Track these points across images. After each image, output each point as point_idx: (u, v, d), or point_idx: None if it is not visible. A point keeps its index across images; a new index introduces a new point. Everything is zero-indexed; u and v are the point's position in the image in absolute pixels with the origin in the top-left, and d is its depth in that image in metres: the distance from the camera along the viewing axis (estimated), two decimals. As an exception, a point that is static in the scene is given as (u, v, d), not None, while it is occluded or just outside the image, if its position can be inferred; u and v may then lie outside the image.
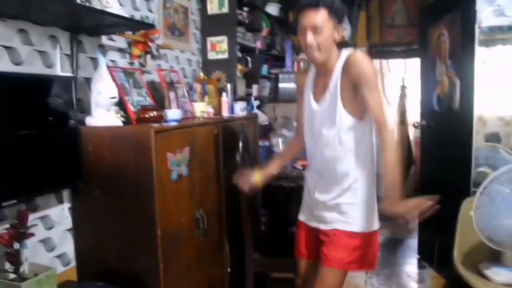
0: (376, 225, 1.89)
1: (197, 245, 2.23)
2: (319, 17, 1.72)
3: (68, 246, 2.01)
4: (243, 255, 2.51)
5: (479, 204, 2.40)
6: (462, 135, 2.99)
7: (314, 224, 1.96)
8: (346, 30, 4.32)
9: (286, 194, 3.28)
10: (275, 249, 2.65)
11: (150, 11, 2.67)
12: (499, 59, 3.35)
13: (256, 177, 2.10)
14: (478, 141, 3.05)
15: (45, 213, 1.89)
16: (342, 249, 1.84)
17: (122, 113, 2.05)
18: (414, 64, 5.49)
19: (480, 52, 2.90)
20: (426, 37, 3.63)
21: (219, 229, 2.48)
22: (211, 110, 2.72)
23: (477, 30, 2.79)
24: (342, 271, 1.88)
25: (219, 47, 3.27)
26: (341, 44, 1.83)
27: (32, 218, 1.78)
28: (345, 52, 1.79)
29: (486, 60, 3.31)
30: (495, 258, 2.52)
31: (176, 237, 2.02)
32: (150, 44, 2.47)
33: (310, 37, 1.74)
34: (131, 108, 2.10)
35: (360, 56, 1.73)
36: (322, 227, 1.91)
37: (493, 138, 3.56)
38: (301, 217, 2.06)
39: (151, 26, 2.20)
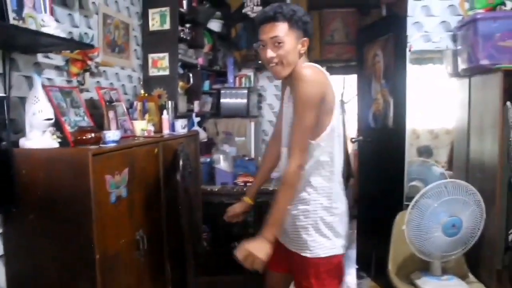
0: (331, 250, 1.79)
1: (137, 266, 2.20)
2: (279, 30, 1.67)
3: (-2, 274, 1.92)
4: (186, 274, 2.50)
5: (411, 217, 2.54)
6: (395, 152, 3.16)
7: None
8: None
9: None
10: (217, 267, 2.67)
11: (90, 27, 2.62)
12: (430, 76, 3.57)
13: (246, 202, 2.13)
14: (411, 155, 3.23)
15: (-26, 240, 1.81)
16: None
17: (58, 134, 2.00)
18: (353, 80, 5.74)
19: (414, 70, 3.10)
20: (363, 56, 3.81)
21: (160, 249, 2.45)
22: (151, 128, 2.70)
23: (408, 53, 2.98)
24: None
25: (161, 63, 3.26)
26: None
27: (-41, 246, 1.70)
28: (304, 65, 1.72)
29: (419, 77, 3.53)
30: (425, 268, 2.68)
31: (115, 260, 1.99)
32: (89, 62, 2.42)
33: (270, 52, 1.68)
34: (68, 129, 2.05)
35: (304, 73, 1.65)
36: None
37: (424, 150, 3.78)
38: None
39: (89, 46, 2.17)
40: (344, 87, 5.84)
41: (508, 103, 2.53)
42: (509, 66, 2.54)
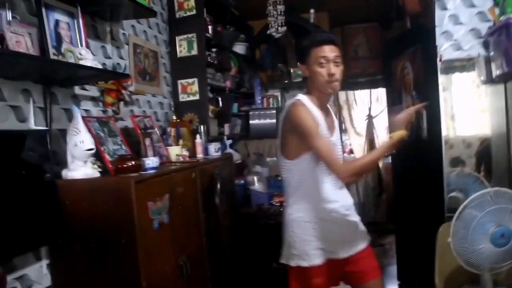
0: None
1: (181, 293, 2.19)
2: (339, 52, 1.88)
3: (48, 305, 1.93)
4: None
5: (456, 229, 2.46)
6: (432, 163, 3.08)
7: (346, 253, 2.00)
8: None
9: (264, 231, 3.27)
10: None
11: (121, 58, 2.68)
12: (458, 84, 3.50)
13: None
14: (446, 165, 3.15)
15: (23, 273, 1.81)
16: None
17: (99, 163, 2.02)
18: (379, 94, 5.70)
19: (441, 80, 3.04)
20: (390, 69, 3.77)
21: (202, 274, 2.44)
22: (186, 153, 2.71)
23: (439, 64, 2.94)
24: None
25: (190, 89, 3.30)
26: None
27: (9, 279, 1.71)
28: None
29: (446, 87, 3.47)
30: (475, 281, 2.57)
31: (161, 286, 1.98)
32: (123, 91, 2.47)
33: (334, 68, 1.85)
34: (108, 158, 2.08)
35: None
36: (361, 247, 2.03)
37: (457, 161, 3.67)
38: (319, 259, 1.93)
39: (125, 76, 2.21)
40: (371, 102, 5.77)
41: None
42: (547, 69, 2.46)
